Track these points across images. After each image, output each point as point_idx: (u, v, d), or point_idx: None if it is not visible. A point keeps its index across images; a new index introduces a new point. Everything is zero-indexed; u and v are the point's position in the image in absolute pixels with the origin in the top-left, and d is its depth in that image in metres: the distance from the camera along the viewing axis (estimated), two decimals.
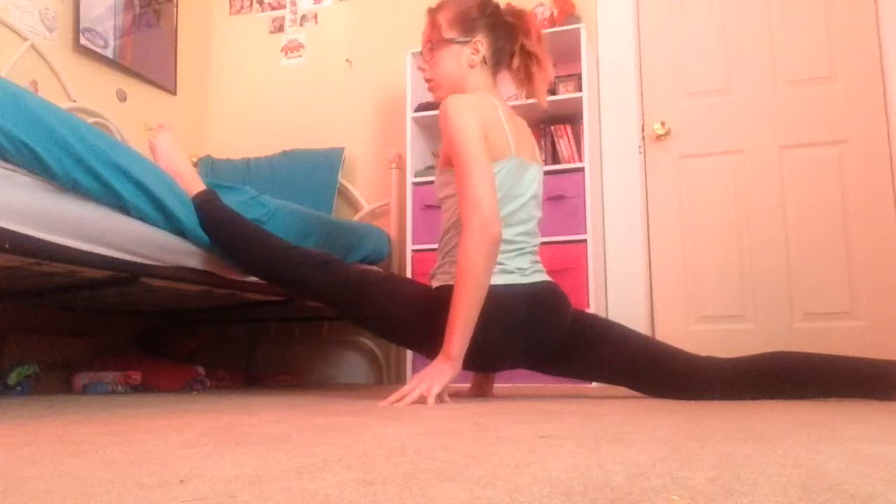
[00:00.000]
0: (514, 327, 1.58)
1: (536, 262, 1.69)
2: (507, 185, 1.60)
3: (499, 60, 1.74)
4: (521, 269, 1.62)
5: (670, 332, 2.66)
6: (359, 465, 0.62)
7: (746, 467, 0.60)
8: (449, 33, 1.71)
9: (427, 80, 1.77)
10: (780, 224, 2.60)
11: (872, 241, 2.48)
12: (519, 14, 1.76)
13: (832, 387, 1.48)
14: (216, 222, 1.82)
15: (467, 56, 1.71)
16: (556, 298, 1.65)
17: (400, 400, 1.43)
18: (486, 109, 1.61)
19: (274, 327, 3.13)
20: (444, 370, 1.45)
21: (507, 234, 1.58)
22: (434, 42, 1.73)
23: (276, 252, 1.79)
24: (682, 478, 0.55)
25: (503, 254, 1.57)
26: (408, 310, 1.66)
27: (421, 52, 1.79)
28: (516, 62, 1.74)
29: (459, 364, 1.47)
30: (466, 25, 1.71)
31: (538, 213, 1.73)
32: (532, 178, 1.69)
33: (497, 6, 1.76)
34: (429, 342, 1.59)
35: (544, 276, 1.67)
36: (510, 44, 1.74)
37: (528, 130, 1.82)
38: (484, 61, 1.71)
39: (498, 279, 1.55)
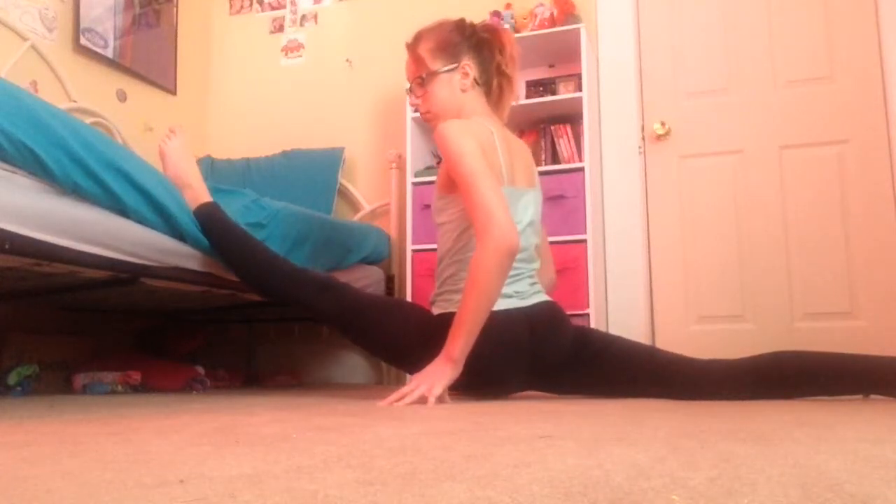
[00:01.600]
0: (518, 350, 1.58)
1: (534, 283, 1.69)
2: None
3: (487, 80, 1.74)
4: (519, 292, 1.62)
5: (670, 332, 2.66)
6: (359, 465, 0.62)
7: (746, 467, 0.60)
8: (435, 64, 1.71)
9: (423, 114, 1.78)
10: (780, 224, 2.60)
11: (872, 241, 2.48)
12: (492, 30, 1.76)
13: (834, 385, 1.47)
14: (219, 238, 1.83)
15: (458, 81, 1.71)
16: (555, 317, 1.65)
17: (400, 400, 1.43)
18: (481, 134, 1.61)
19: (274, 327, 3.13)
20: (445, 371, 1.45)
21: None
22: (424, 77, 1.73)
23: (278, 274, 1.79)
24: (682, 478, 0.55)
25: None
26: (410, 336, 1.66)
27: (410, 89, 1.78)
28: (495, 82, 1.74)
29: (460, 367, 1.47)
30: (450, 52, 1.71)
31: (535, 240, 1.72)
32: (527, 204, 1.69)
33: (473, 25, 1.76)
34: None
35: (543, 297, 1.68)
36: (492, 62, 1.73)
37: (527, 152, 1.81)
38: (476, 83, 1.71)
39: (497, 304, 1.55)
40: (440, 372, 1.45)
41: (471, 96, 1.72)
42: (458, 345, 1.45)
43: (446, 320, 1.54)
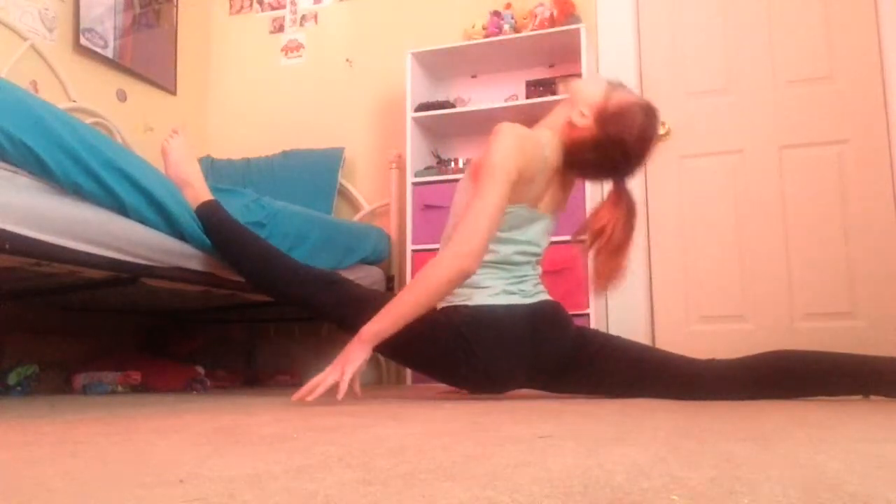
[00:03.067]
0: (519, 347, 1.58)
1: (538, 284, 1.70)
2: (508, 228, 1.60)
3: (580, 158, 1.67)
4: (523, 290, 1.63)
5: (670, 332, 2.65)
6: (359, 465, 0.62)
7: (746, 467, 0.60)
8: (582, 106, 1.64)
9: None
10: (780, 224, 2.60)
11: (872, 241, 2.48)
12: (640, 140, 1.70)
13: (833, 385, 1.47)
14: (221, 236, 1.83)
15: (566, 113, 1.66)
16: (558, 315, 1.66)
17: (311, 392, 1.42)
18: (532, 160, 1.57)
19: (273, 327, 3.13)
20: (353, 355, 1.46)
21: (504, 268, 1.62)
22: (569, 86, 1.74)
23: (282, 270, 1.79)
24: (682, 478, 0.55)
25: (504, 280, 1.59)
26: (412, 332, 1.66)
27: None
28: (612, 197, 1.67)
29: (370, 348, 1.48)
30: (594, 111, 1.65)
31: (536, 258, 1.72)
32: (539, 228, 1.68)
33: (629, 128, 1.69)
34: (433, 363, 1.61)
35: (546, 297, 1.68)
36: (606, 159, 1.68)
37: (568, 183, 1.77)
38: (571, 126, 1.64)
39: (501, 299, 1.55)
40: (348, 356, 1.46)
41: (560, 126, 1.67)
42: (374, 328, 1.46)
43: (449, 314, 1.54)
